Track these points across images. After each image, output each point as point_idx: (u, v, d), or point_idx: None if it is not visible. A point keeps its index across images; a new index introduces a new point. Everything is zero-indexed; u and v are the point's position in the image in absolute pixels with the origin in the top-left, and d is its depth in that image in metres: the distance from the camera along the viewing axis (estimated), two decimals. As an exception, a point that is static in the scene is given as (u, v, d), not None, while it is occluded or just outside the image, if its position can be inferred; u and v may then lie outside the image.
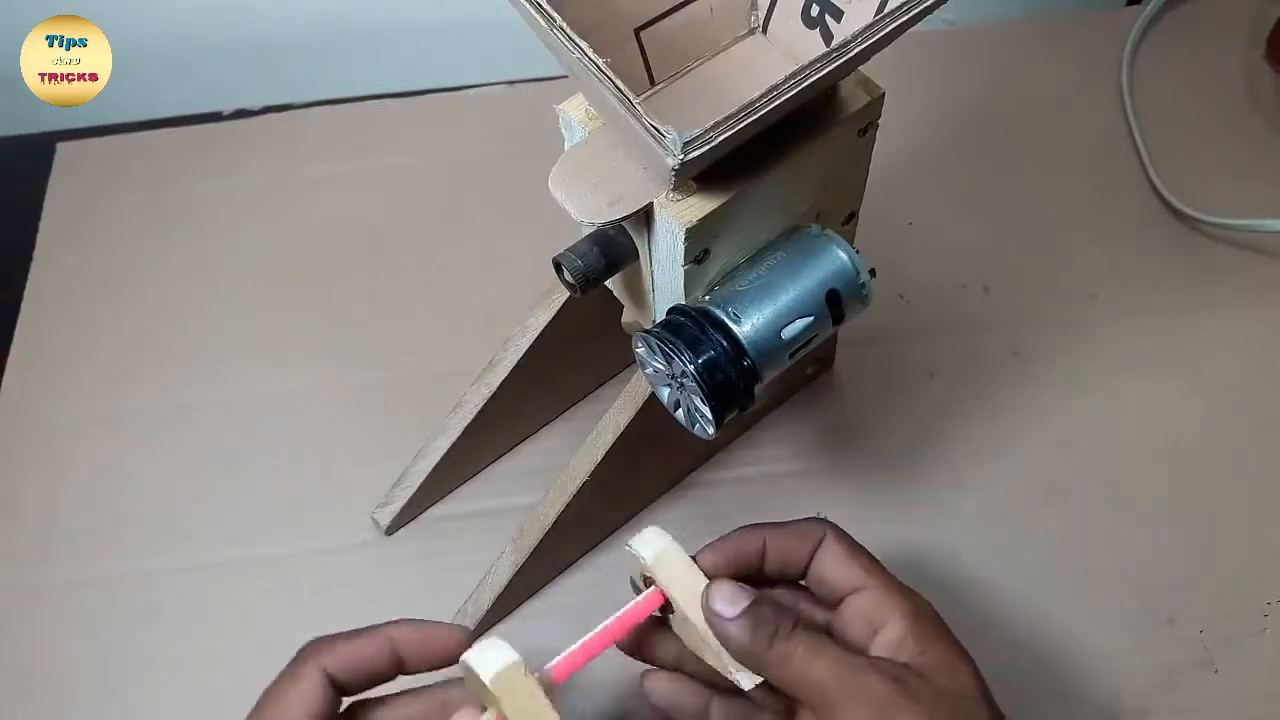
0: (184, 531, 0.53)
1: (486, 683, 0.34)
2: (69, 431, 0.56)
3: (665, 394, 0.40)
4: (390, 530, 0.52)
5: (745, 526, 0.39)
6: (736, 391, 0.38)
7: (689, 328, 0.38)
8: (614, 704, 0.47)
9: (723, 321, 0.37)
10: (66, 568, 0.52)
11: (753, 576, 0.38)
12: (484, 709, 0.35)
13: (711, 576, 0.37)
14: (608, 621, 0.37)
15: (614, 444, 0.45)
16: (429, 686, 0.38)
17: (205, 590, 0.51)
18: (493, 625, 0.49)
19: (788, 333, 0.38)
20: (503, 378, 0.48)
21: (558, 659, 0.36)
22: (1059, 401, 0.55)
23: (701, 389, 0.37)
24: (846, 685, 0.34)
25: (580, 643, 0.37)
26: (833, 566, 0.38)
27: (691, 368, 0.37)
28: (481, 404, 0.49)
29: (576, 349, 0.50)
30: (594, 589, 0.50)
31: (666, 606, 0.38)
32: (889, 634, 0.36)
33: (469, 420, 0.49)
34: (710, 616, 0.36)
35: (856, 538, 0.41)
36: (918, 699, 0.33)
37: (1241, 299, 0.57)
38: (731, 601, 0.36)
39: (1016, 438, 0.54)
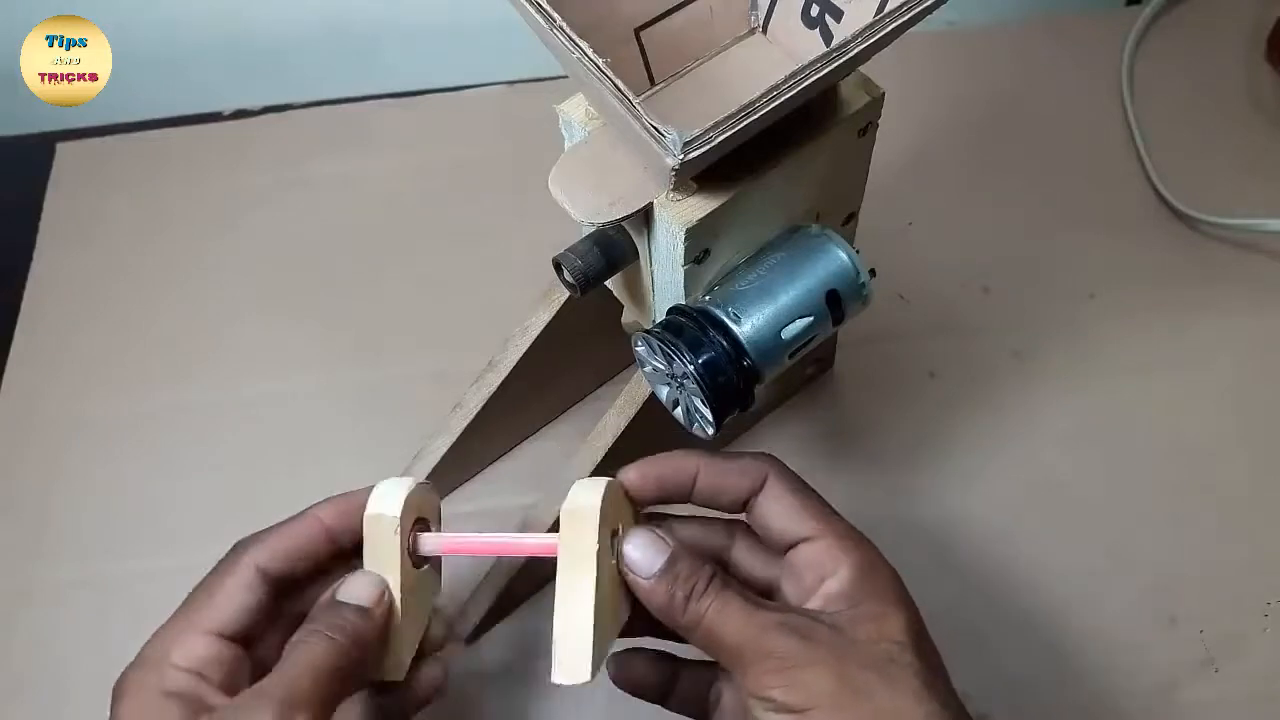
0: (184, 531, 0.53)
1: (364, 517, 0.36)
2: (68, 431, 0.56)
3: (665, 393, 0.40)
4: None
5: (683, 450, 0.38)
6: (736, 392, 0.38)
7: (689, 328, 0.38)
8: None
9: (723, 321, 0.37)
10: (65, 567, 0.52)
11: (679, 498, 0.37)
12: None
13: (634, 501, 0.37)
14: (506, 538, 0.37)
15: (614, 444, 0.45)
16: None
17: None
18: (492, 626, 0.49)
19: (788, 333, 0.38)
20: (503, 378, 0.48)
21: (447, 536, 0.38)
22: (1059, 401, 0.55)
23: (702, 389, 0.37)
24: (753, 645, 0.33)
25: (473, 537, 0.38)
26: (778, 515, 0.36)
27: (692, 368, 0.37)
28: (481, 404, 0.49)
29: (576, 349, 0.50)
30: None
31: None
32: (832, 585, 0.35)
33: (469, 420, 0.49)
34: (626, 572, 0.35)
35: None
36: (824, 653, 0.33)
37: (1241, 299, 0.57)
38: (649, 559, 0.35)
39: (1016, 437, 0.54)
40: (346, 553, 0.38)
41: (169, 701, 0.34)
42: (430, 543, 0.38)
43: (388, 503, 0.37)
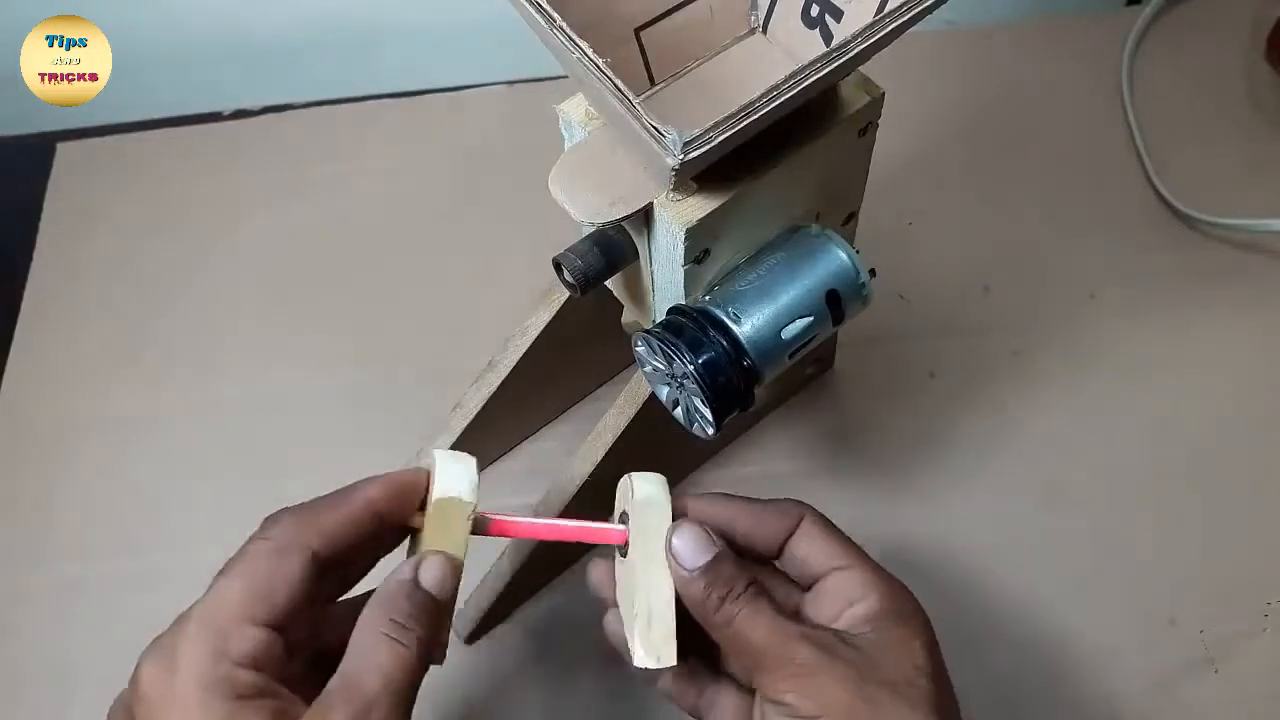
0: (183, 531, 0.53)
1: (431, 500, 0.36)
2: (68, 431, 0.56)
3: (664, 393, 0.40)
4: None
5: (720, 495, 0.39)
6: (736, 392, 0.38)
7: (689, 328, 0.38)
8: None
9: (723, 322, 0.37)
10: (65, 567, 0.52)
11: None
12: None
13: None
14: (567, 523, 0.38)
15: (614, 444, 0.45)
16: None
17: (205, 590, 0.51)
18: (492, 627, 0.50)
19: (788, 333, 0.38)
20: (503, 378, 0.48)
21: (510, 517, 0.37)
22: (1059, 401, 0.55)
23: (702, 389, 0.37)
24: (777, 650, 0.34)
25: (535, 520, 0.38)
26: (814, 550, 0.38)
27: (692, 368, 0.37)
28: (481, 404, 0.49)
29: (576, 349, 0.50)
30: (594, 589, 0.50)
31: (625, 549, 0.38)
32: (859, 609, 0.36)
33: (469, 420, 0.49)
34: (671, 562, 0.36)
35: (857, 537, 0.41)
36: (844, 667, 0.34)
37: (1241, 299, 0.57)
38: (694, 554, 0.36)
39: (1016, 437, 0.54)
40: (387, 534, 0.37)
41: (247, 707, 0.31)
42: (495, 525, 0.37)
43: (462, 485, 0.36)
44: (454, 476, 0.36)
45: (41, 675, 0.49)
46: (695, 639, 0.37)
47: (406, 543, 0.38)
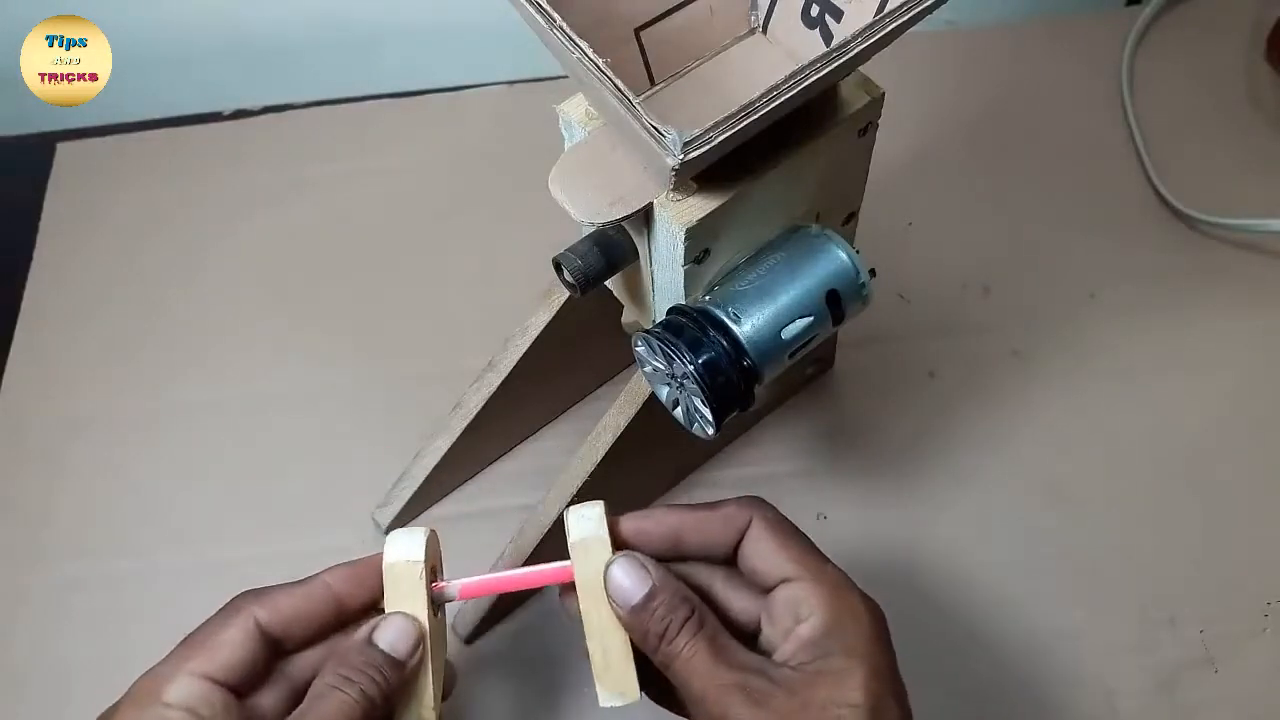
0: (183, 531, 0.53)
1: (384, 567, 0.36)
2: (68, 431, 0.56)
3: (664, 393, 0.40)
4: (390, 530, 0.52)
5: (663, 508, 0.38)
6: (736, 392, 0.38)
7: (689, 328, 0.38)
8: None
9: (723, 322, 0.37)
10: (65, 567, 0.52)
11: (671, 559, 0.38)
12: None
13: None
14: (522, 572, 0.38)
15: (614, 444, 0.45)
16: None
17: (205, 590, 0.50)
18: (493, 626, 0.50)
19: (788, 333, 0.38)
20: (503, 378, 0.48)
21: (468, 580, 0.37)
22: (1059, 401, 0.55)
23: (702, 390, 0.37)
24: (713, 702, 0.34)
25: (492, 575, 0.38)
26: (760, 556, 0.37)
27: (692, 368, 0.37)
28: (481, 404, 0.49)
29: (576, 349, 0.50)
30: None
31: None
32: (804, 630, 0.35)
33: (469, 420, 0.49)
34: (610, 594, 0.36)
35: (857, 538, 0.41)
36: (777, 712, 0.33)
37: (1241, 299, 0.57)
38: (629, 590, 0.35)
39: (1016, 437, 0.54)
40: (350, 621, 0.37)
41: None
42: (452, 587, 0.37)
43: (409, 549, 0.36)
44: (401, 545, 0.37)
45: (41, 675, 0.49)
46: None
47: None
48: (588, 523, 0.36)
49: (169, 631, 0.49)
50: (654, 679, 0.37)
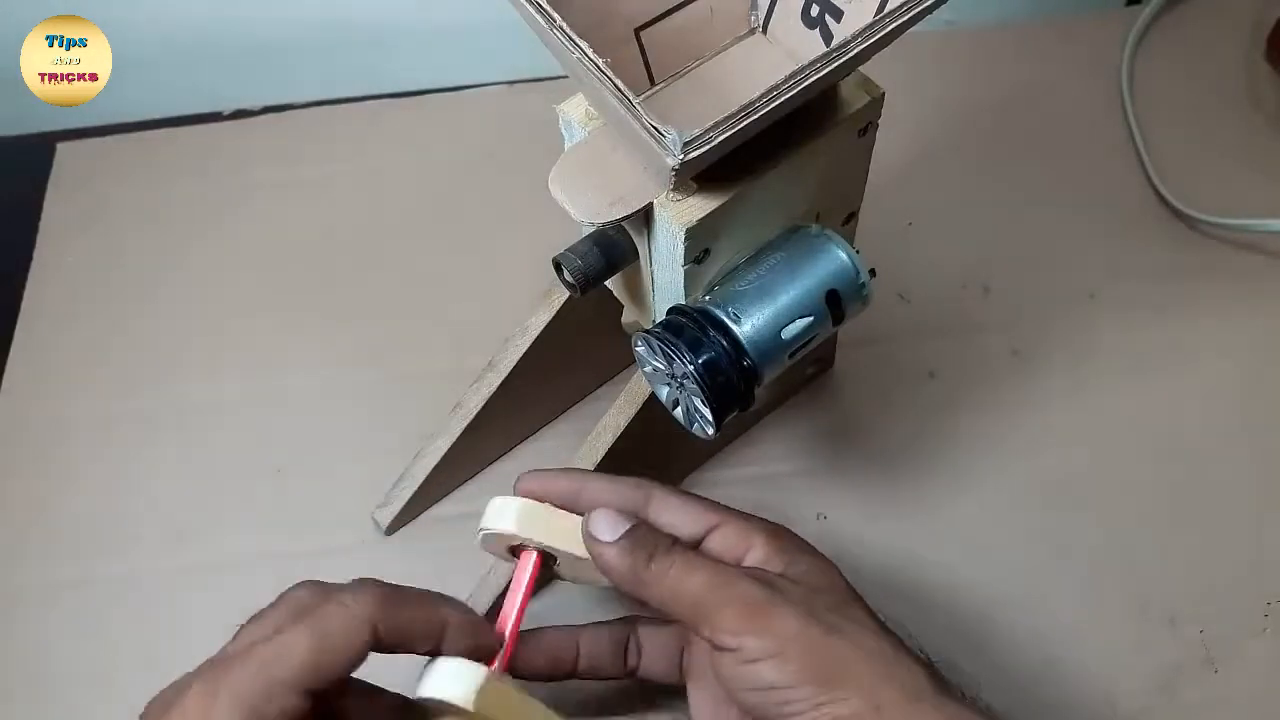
0: (183, 531, 0.53)
1: (470, 707, 0.34)
2: (68, 431, 0.56)
3: (664, 393, 0.40)
4: (390, 530, 0.52)
5: (566, 470, 0.40)
6: (736, 392, 0.38)
7: (689, 328, 0.38)
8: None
9: (723, 322, 0.37)
10: (65, 567, 0.52)
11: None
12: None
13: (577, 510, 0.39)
14: (511, 605, 0.38)
15: (614, 444, 0.45)
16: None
17: (205, 590, 0.51)
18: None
19: (788, 333, 0.38)
20: (503, 378, 0.48)
21: (504, 669, 0.38)
22: (1059, 401, 0.55)
23: (702, 390, 0.37)
24: (720, 592, 0.34)
25: (506, 632, 0.38)
26: (674, 515, 0.38)
27: (692, 368, 0.37)
28: (481, 404, 0.49)
29: (576, 349, 0.50)
30: (593, 589, 0.50)
31: (547, 560, 0.39)
32: (754, 556, 0.36)
33: (469, 420, 0.49)
34: (590, 544, 0.37)
35: (857, 538, 0.42)
36: (790, 598, 0.34)
37: (1241, 299, 0.57)
38: (611, 528, 0.36)
39: (1016, 437, 0.54)
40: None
41: None
42: (503, 662, 0.38)
43: (467, 675, 0.35)
44: (450, 678, 0.35)
45: (39, 675, 0.49)
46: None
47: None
48: (509, 505, 0.39)
49: (167, 632, 0.50)
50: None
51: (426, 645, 0.35)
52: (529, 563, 0.39)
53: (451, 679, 0.34)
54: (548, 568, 0.40)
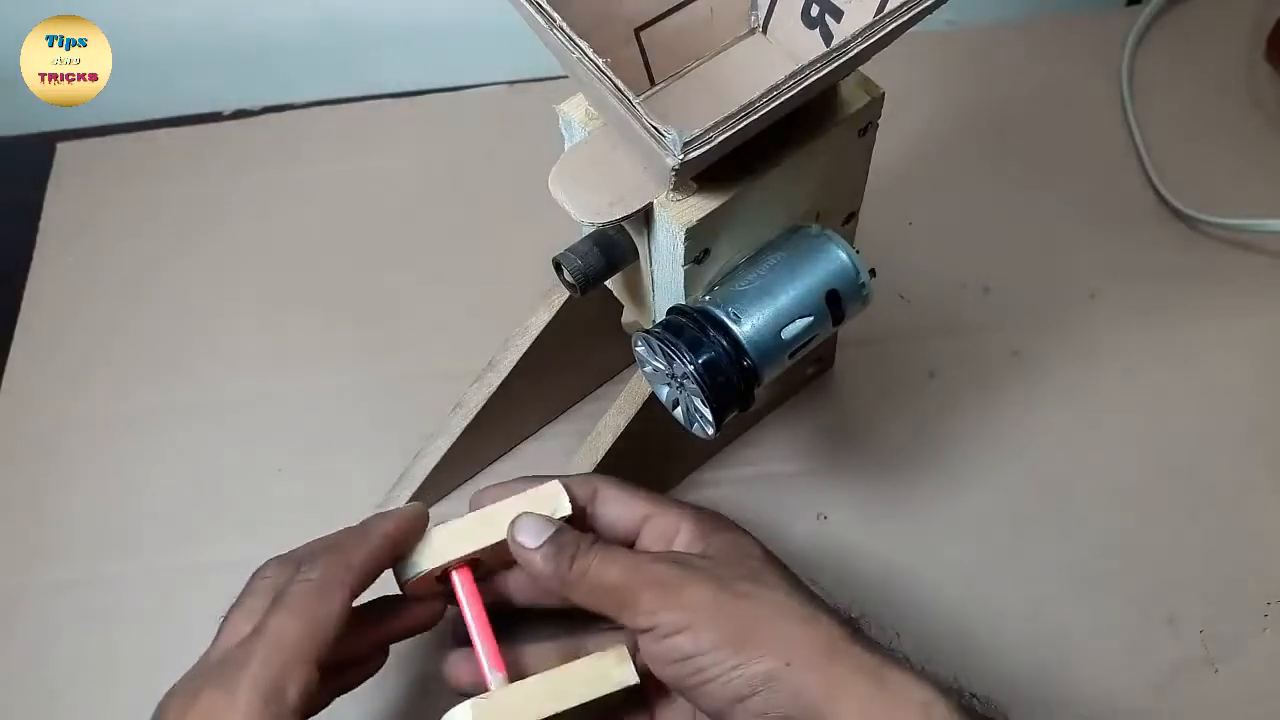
0: (183, 531, 0.53)
1: None
2: (69, 431, 0.56)
3: (664, 393, 0.40)
4: (390, 530, 0.52)
5: (513, 482, 0.41)
6: (736, 392, 0.38)
7: (689, 328, 0.38)
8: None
9: (723, 322, 0.37)
10: (65, 567, 0.52)
11: None
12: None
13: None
14: (472, 617, 0.40)
15: (614, 444, 0.45)
16: None
17: (205, 590, 0.50)
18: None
19: (788, 333, 0.38)
20: (503, 378, 0.48)
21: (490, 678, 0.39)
22: (1059, 401, 0.55)
23: (702, 390, 0.37)
24: (635, 576, 0.36)
25: (479, 643, 0.39)
26: (616, 507, 0.40)
27: (692, 368, 0.37)
28: (481, 404, 0.49)
29: (576, 349, 0.50)
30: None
31: (477, 567, 0.41)
32: (680, 540, 0.38)
33: (469, 420, 0.49)
34: (516, 550, 0.38)
35: (857, 537, 0.42)
36: (700, 572, 0.36)
37: (1241, 299, 0.57)
38: (535, 534, 0.38)
39: (1016, 437, 0.54)
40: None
41: None
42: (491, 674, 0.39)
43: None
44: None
45: (38, 675, 0.49)
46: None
47: None
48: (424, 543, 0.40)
49: (166, 632, 0.50)
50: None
51: (385, 565, 0.39)
52: (462, 580, 0.40)
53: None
54: (478, 572, 0.41)
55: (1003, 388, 0.55)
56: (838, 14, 0.37)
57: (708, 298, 0.39)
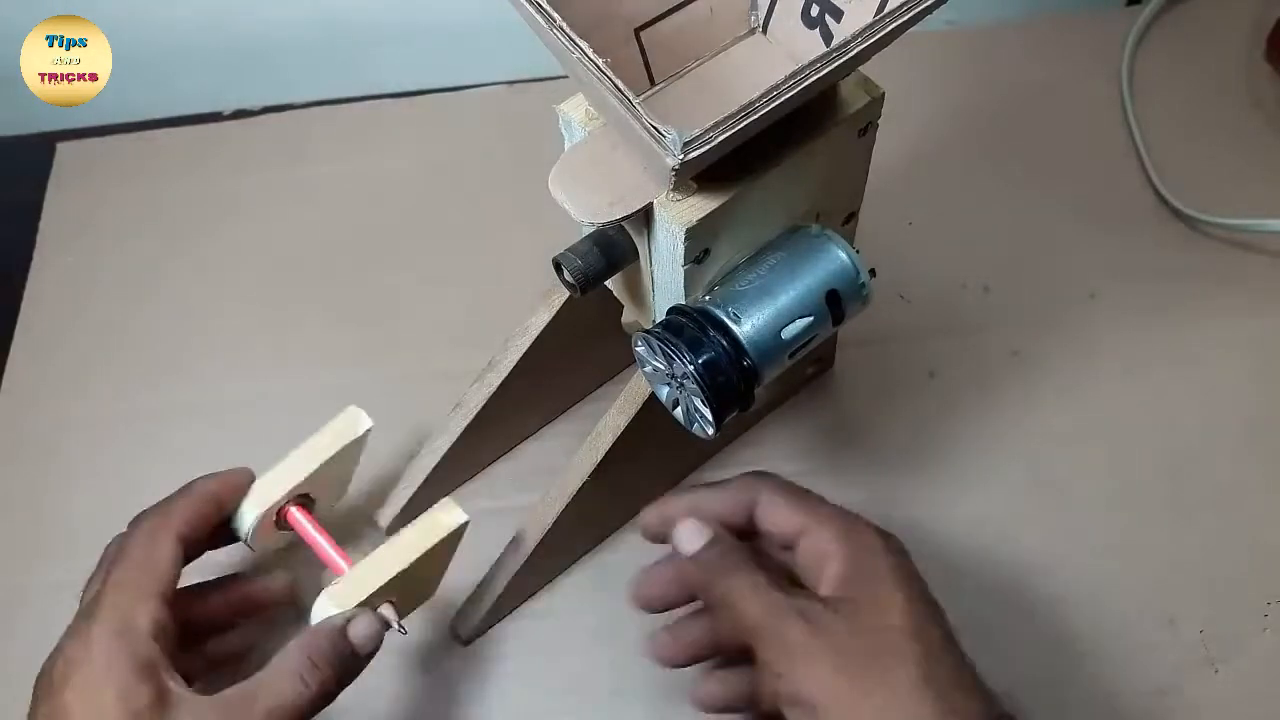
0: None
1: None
2: (69, 431, 0.56)
3: (664, 393, 0.40)
4: (390, 530, 0.52)
5: (675, 494, 0.42)
6: (736, 392, 0.38)
7: (689, 328, 0.38)
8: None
9: (723, 322, 0.37)
10: (65, 567, 0.52)
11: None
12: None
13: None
14: (315, 542, 0.45)
15: (614, 444, 0.45)
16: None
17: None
18: (493, 625, 0.49)
19: (788, 333, 0.38)
20: (503, 378, 0.48)
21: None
22: (1059, 401, 0.55)
23: (702, 390, 0.37)
24: (769, 629, 0.36)
25: (326, 559, 0.44)
26: (775, 518, 0.39)
27: (692, 368, 0.37)
28: (481, 404, 0.49)
29: (576, 349, 0.50)
30: (594, 588, 0.50)
31: (306, 503, 0.46)
32: (833, 569, 0.37)
33: (469, 420, 0.49)
34: (676, 549, 0.40)
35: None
36: (828, 641, 0.35)
37: (1241, 299, 0.57)
38: (691, 540, 0.39)
39: (1016, 437, 0.54)
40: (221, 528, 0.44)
41: (138, 675, 0.36)
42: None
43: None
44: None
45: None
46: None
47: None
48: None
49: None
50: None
51: (211, 517, 0.43)
52: (299, 514, 0.45)
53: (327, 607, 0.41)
54: (312, 507, 0.46)
55: (1002, 388, 0.55)
56: (838, 14, 0.37)
57: (708, 298, 0.39)
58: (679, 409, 0.40)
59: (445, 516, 0.43)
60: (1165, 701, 0.47)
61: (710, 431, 0.39)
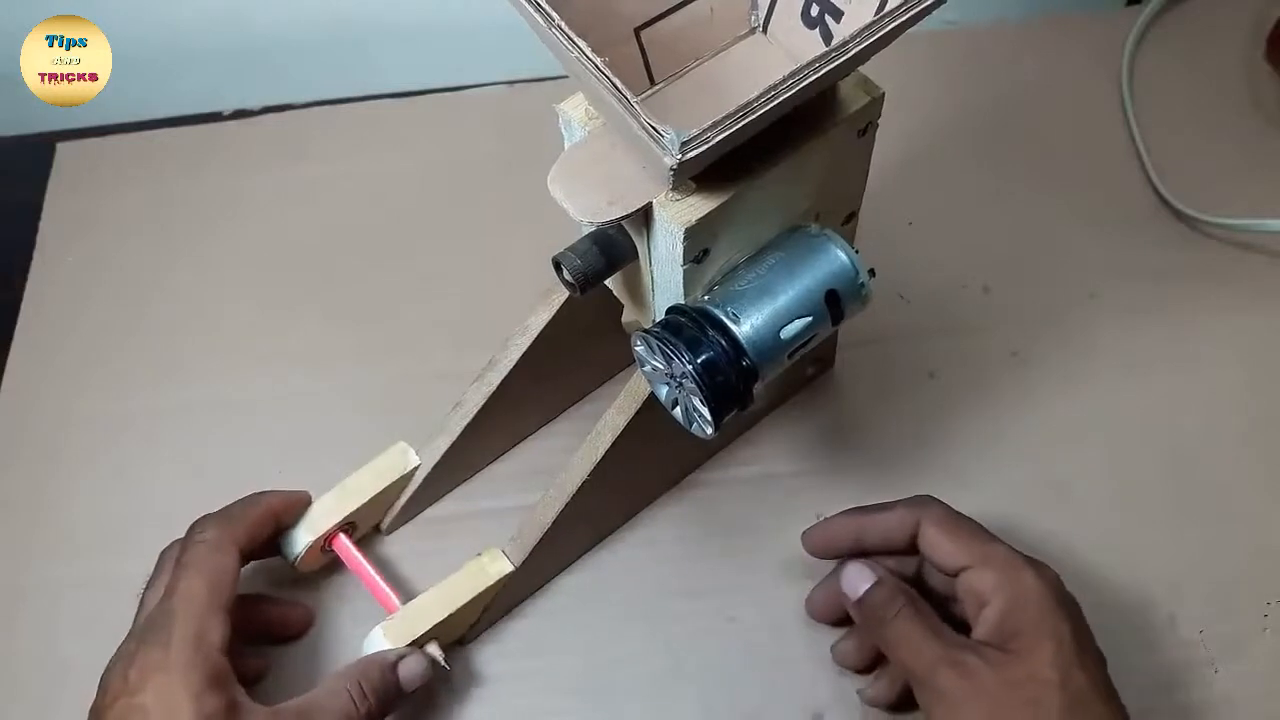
0: (183, 531, 0.52)
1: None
2: (69, 431, 0.56)
3: (664, 392, 0.40)
4: (389, 530, 0.52)
5: (843, 515, 0.45)
6: (735, 391, 0.38)
7: (688, 328, 0.38)
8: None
9: (722, 321, 0.37)
10: (65, 567, 0.52)
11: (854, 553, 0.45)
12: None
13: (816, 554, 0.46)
14: (357, 569, 0.48)
15: (613, 444, 0.45)
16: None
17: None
18: (493, 625, 0.49)
19: (787, 333, 0.38)
20: (503, 377, 0.48)
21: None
22: (1059, 401, 0.55)
23: (701, 389, 0.37)
24: (926, 677, 0.39)
25: (370, 589, 0.47)
26: (935, 550, 0.42)
27: (691, 368, 0.37)
28: (481, 404, 0.49)
29: (576, 349, 0.50)
30: (594, 588, 0.50)
31: (352, 530, 0.49)
32: (988, 614, 0.40)
33: (469, 420, 0.49)
34: (842, 591, 0.43)
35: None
36: (979, 690, 0.38)
37: (1241, 299, 0.57)
38: (856, 583, 0.42)
39: (1016, 437, 0.54)
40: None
41: (211, 685, 0.38)
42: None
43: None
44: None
45: (40, 675, 0.49)
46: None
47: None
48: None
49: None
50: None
51: (268, 532, 0.45)
52: (349, 546, 0.48)
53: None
54: (354, 535, 0.49)
55: (1002, 388, 0.55)
56: (838, 14, 0.37)
57: (707, 297, 0.39)
58: (678, 409, 0.40)
59: (492, 565, 0.46)
60: (1165, 701, 0.47)
61: (709, 431, 0.39)
